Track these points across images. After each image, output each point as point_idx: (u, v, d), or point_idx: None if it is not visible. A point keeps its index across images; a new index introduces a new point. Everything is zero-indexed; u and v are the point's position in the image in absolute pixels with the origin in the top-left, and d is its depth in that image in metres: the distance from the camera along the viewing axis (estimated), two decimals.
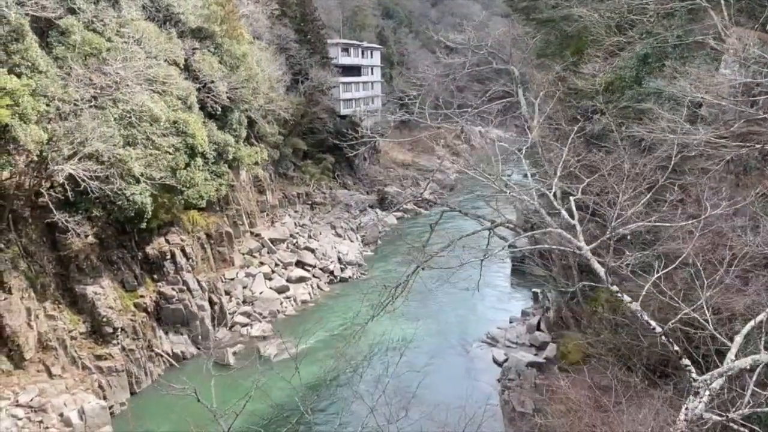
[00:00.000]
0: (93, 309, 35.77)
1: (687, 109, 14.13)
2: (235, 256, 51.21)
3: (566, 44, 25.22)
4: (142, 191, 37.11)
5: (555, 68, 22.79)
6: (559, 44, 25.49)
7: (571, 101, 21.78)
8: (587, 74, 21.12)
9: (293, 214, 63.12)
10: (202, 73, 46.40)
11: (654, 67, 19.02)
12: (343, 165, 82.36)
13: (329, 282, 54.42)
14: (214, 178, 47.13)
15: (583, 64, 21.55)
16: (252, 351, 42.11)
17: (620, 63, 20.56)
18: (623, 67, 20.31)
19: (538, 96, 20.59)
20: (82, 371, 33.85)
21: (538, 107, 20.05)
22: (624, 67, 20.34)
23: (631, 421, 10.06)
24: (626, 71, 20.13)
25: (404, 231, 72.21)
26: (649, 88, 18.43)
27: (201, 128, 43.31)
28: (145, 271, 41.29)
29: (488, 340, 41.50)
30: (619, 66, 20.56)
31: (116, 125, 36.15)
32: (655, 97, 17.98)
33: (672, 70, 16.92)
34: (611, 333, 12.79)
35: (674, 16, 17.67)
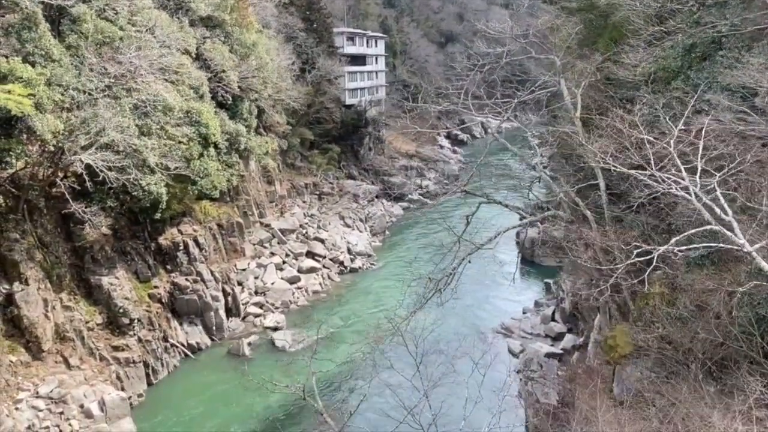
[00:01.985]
0: (109, 300, 35.59)
1: (743, 100, 13.96)
2: (246, 246, 51.02)
3: (598, 34, 24.93)
4: (157, 181, 36.83)
5: (594, 58, 22.54)
6: (591, 34, 25.21)
7: (609, 91, 21.57)
8: (628, 64, 20.91)
9: (302, 204, 62.89)
10: (213, 62, 46.00)
11: (701, 57, 18.83)
12: (348, 155, 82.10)
13: (339, 272, 54.33)
14: (225, 169, 46.81)
15: (621, 54, 21.34)
16: (266, 341, 42.08)
17: (661, 53, 20.36)
18: (666, 57, 20.10)
19: (580, 86, 20.38)
20: (99, 362, 33.75)
21: (580, 98, 19.86)
22: (667, 57, 20.13)
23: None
24: (670, 61, 19.92)
25: (416, 220, 72.22)
26: (698, 79, 18.25)
27: (214, 118, 43.01)
28: (158, 261, 41.09)
29: (503, 331, 41.50)
30: (661, 56, 20.36)
31: (131, 115, 35.85)
32: (705, 88, 17.81)
33: (729, 59, 16.74)
34: (673, 326, 12.67)
35: (728, 5, 17.41)
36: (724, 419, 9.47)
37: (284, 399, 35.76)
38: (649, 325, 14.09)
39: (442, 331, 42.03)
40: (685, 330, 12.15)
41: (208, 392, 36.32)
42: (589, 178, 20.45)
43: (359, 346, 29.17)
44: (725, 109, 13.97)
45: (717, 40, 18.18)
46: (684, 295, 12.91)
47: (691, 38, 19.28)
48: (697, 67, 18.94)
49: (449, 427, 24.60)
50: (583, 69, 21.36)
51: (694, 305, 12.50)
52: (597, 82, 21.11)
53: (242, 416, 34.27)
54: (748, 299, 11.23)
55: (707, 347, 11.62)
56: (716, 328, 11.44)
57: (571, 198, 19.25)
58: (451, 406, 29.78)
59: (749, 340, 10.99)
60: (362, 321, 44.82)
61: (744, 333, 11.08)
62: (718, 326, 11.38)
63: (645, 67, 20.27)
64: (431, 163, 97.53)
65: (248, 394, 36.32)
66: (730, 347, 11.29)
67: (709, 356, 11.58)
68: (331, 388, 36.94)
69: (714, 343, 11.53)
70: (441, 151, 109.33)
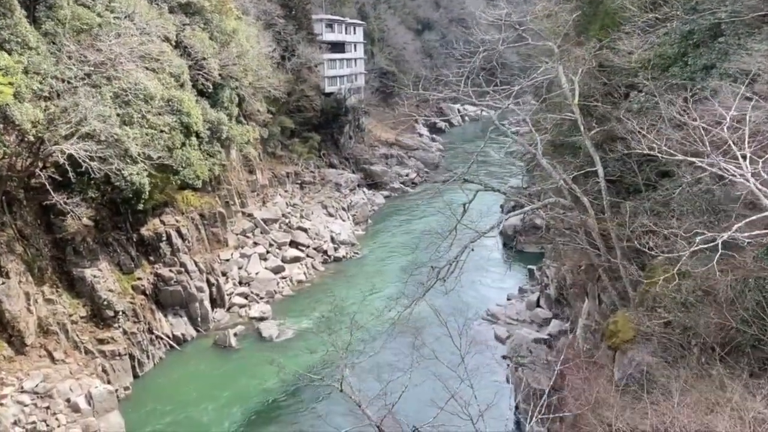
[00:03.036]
0: (92, 292, 35.04)
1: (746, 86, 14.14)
2: (229, 236, 50.54)
3: (589, 21, 24.96)
4: (139, 171, 36.22)
5: (588, 45, 22.58)
6: (583, 21, 25.19)
7: (602, 78, 21.68)
8: (623, 51, 21.02)
9: (284, 193, 62.42)
10: (193, 50, 45.23)
11: (699, 44, 18.99)
12: (328, 144, 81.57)
13: (323, 262, 54.19)
14: (207, 158, 46.22)
15: (614, 41, 21.42)
16: (252, 332, 41.86)
17: (656, 40, 20.50)
18: (662, 44, 20.24)
19: (577, 73, 20.42)
20: (84, 356, 33.26)
21: (578, 86, 19.90)
22: (663, 44, 20.28)
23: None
24: (666, 48, 20.06)
25: (398, 208, 72.25)
26: (697, 65, 18.43)
27: (195, 106, 42.37)
28: (141, 253, 40.51)
29: (488, 318, 41.82)
30: (656, 43, 20.51)
31: (112, 104, 35.16)
32: (703, 74, 18.01)
33: (730, 46, 16.91)
34: (678, 312, 12.87)
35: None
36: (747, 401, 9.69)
37: (275, 388, 35.72)
38: (652, 310, 14.32)
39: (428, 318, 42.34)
40: (690, 315, 12.34)
41: (196, 383, 36.08)
42: (585, 165, 20.62)
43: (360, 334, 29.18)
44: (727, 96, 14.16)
45: (716, 26, 18.37)
46: (689, 281, 13.13)
47: (688, 24, 19.47)
48: (695, 54, 19.16)
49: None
50: (579, 56, 21.42)
51: (700, 290, 12.73)
52: (593, 69, 21.18)
53: (231, 406, 34.11)
54: (756, 283, 11.46)
55: (712, 331, 11.82)
56: (723, 312, 11.65)
57: (569, 185, 19.38)
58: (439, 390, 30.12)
59: (759, 324, 11.20)
60: (352, 310, 44.68)
61: (754, 317, 11.29)
62: (724, 311, 11.60)
63: (641, 54, 20.43)
64: (411, 151, 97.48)
65: (236, 384, 36.22)
66: (737, 331, 11.53)
67: (717, 341, 11.79)
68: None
69: (719, 327, 11.75)
70: (420, 139, 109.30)
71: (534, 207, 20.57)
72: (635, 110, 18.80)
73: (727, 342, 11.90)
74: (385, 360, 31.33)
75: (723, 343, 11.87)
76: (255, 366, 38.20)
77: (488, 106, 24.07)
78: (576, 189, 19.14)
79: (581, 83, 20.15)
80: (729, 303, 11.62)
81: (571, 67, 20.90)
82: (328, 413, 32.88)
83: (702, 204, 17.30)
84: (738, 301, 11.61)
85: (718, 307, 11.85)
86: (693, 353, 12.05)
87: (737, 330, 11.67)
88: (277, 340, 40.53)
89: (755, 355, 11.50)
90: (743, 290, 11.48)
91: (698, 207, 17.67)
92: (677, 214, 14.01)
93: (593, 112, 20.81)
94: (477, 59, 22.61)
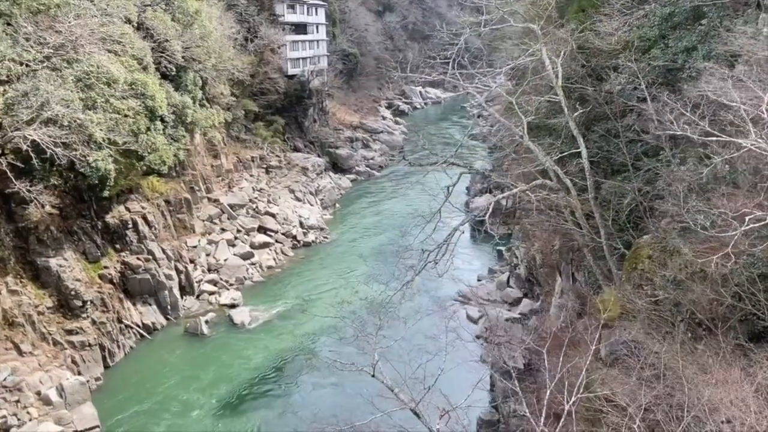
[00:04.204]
0: (59, 282, 34.10)
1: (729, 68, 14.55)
2: (196, 223, 49.72)
3: (569, 3, 25.17)
4: (104, 157, 35.31)
5: (568, 27, 22.78)
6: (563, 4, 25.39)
7: (581, 61, 21.96)
8: (603, 33, 21.32)
9: (249, 178, 61.55)
10: (156, 32, 44.01)
11: (679, 26, 19.36)
12: (292, 127, 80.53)
13: (293, 247, 53.83)
14: (172, 143, 45.25)
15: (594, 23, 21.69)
16: (224, 319, 41.45)
17: (635, 22, 20.85)
18: (642, 26, 20.59)
19: (560, 55, 20.62)
20: (53, 347, 32.44)
21: (561, 67, 20.10)
22: (642, 26, 20.63)
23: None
24: (646, 30, 20.41)
25: (365, 191, 72.18)
26: (678, 47, 18.81)
27: (160, 90, 41.34)
28: (106, 241, 39.52)
29: (460, 299, 42.34)
30: (635, 25, 20.86)
31: (74, 88, 34.02)
32: (685, 56, 18.42)
33: (711, 28, 17.32)
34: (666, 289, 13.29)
35: None
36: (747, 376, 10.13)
37: (248, 374, 35.56)
38: (639, 288, 14.76)
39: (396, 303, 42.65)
40: (679, 291, 12.77)
41: (168, 372, 35.61)
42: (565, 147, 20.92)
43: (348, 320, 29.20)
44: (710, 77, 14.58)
45: (696, 8, 18.77)
46: (677, 259, 13.56)
47: (668, 7, 19.85)
48: (675, 36, 19.57)
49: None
50: (561, 38, 21.60)
51: (689, 267, 13.16)
52: (574, 52, 21.41)
53: (205, 394, 33.82)
54: (746, 260, 11.91)
55: (700, 308, 12.25)
56: (715, 289, 12.09)
57: (553, 167, 19.68)
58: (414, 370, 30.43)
59: (753, 299, 11.67)
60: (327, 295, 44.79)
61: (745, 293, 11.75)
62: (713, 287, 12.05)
63: (621, 36, 20.77)
64: (376, 134, 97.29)
65: (209, 371, 35.91)
66: (727, 307, 12.00)
67: (706, 316, 12.23)
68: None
69: (709, 303, 12.20)
70: (384, 122, 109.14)
71: (523, 188, 20.80)
72: (616, 91, 19.22)
73: (716, 318, 12.36)
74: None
75: (712, 318, 12.33)
76: (228, 353, 37.94)
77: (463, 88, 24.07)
78: (559, 171, 19.47)
79: (563, 65, 20.40)
80: (723, 280, 12.06)
81: (554, 49, 21.12)
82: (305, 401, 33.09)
83: (637, 185, 17.92)
84: (731, 278, 12.05)
85: (710, 284, 12.29)
86: (680, 329, 12.46)
87: (727, 306, 12.14)
88: (250, 327, 40.25)
89: (742, 329, 12.01)
90: (733, 268, 11.93)
91: (634, 189, 18.19)
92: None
93: (572, 95, 21.12)
94: (461, 42, 22.62)
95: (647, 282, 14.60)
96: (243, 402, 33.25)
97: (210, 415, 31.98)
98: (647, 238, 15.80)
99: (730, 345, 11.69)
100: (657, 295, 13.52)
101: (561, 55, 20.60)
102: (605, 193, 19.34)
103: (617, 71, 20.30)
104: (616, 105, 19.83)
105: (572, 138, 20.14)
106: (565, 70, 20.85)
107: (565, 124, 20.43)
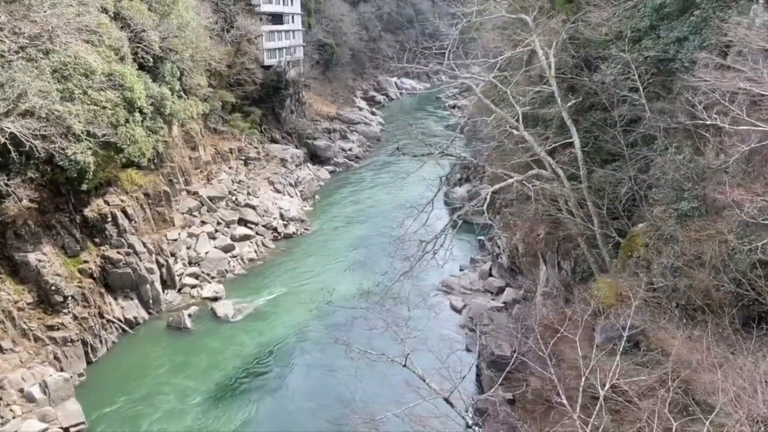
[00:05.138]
0: (39, 277, 33.50)
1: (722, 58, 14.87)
2: (175, 216, 49.13)
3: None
4: (83, 150, 34.69)
5: (558, 17, 22.95)
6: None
7: (571, 51, 22.17)
8: (593, 23, 21.56)
9: (228, 170, 60.93)
10: (132, 22, 43.18)
11: (670, 16, 19.64)
12: (270, 118, 79.89)
13: (274, 239, 53.58)
14: (150, 134, 44.57)
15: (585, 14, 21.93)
16: (207, 312, 41.16)
17: (624, 13, 21.11)
18: (631, 17, 20.85)
19: (552, 46, 20.79)
20: (34, 343, 31.89)
21: (553, 57, 20.29)
22: (632, 17, 20.88)
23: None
24: (637, 20, 20.65)
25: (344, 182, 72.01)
26: (669, 38, 19.10)
27: (138, 81, 40.68)
28: (85, 235, 38.86)
29: (444, 288, 42.64)
30: (624, 16, 21.14)
31: (51, 79, 33.29)
32: (677, 46, 18.73)
33: (703, 18, 17.63)
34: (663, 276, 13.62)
35: None
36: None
37: (233, 367, 35.41)
38: (635, 275, 15.08)
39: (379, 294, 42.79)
40: (678, 278, 13.09)
41: (152, 366, 35.31)
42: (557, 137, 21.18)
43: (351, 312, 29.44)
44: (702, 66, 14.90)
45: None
46: (673, 246, 13.87)
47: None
48: (667, 26, 19.88)
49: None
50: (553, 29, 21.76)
51: (687, 255, 13.48)
52: (565, 42, 21.60)
53: (189, 387, 33.59)
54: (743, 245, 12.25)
55: (698, 294, 12.58)
56: (712, 275, 12.44)
57: (546, 157, 19.92)
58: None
59: (750, 285, 12.03)
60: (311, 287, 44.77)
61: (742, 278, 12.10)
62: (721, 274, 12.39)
63: (612, 26, 21.03)
64: (353, 125, 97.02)
65: (193, 365, 35.68)
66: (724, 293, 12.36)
67: (703, 302, 12.57)
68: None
69: (705, 289, 12.54)
70: (361, 113, 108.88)
71: (519, 179, 20.98)
72: (608, 81, 19.51)
73: (713, 303, 12.72)
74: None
75: (708, 304, 12.68)
76: (212, 346, 37.72)
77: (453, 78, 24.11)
78: (551, 160, 19.71)
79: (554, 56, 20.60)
80: (723, 266, 12.38)
81: (546, 40, 21.31)
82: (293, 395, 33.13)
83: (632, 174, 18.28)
84: (729, 264, 12.39)
85: (708, 270, 12.62)
86: (675, 315, 12.78)
87: (724, 292, 12.49)
88: (234, 320, 40.03)
89: (738, 314, 12.37)
90: (731, 254, 12.28)
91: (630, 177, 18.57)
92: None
93: (561, 85, 21.34)
94: (455, 33, 22.65)
95: (643, 269, 14.93)
96: (229, 396, 33.09)
97: (195, 410, 31.78)
98: (642, 226, 16.14)
99: (728, 330, 12.04)
100: (654, 282, 13.87)
101: (553, 45, 20.80)
102: (599, 181, 19.66)
103: (608, 61, 20.58)
104: (611, 95, 20.11)
105: (560, 127, 20.40)
106: (556, 61, 21.06)
107: (554, 114, 20.69)
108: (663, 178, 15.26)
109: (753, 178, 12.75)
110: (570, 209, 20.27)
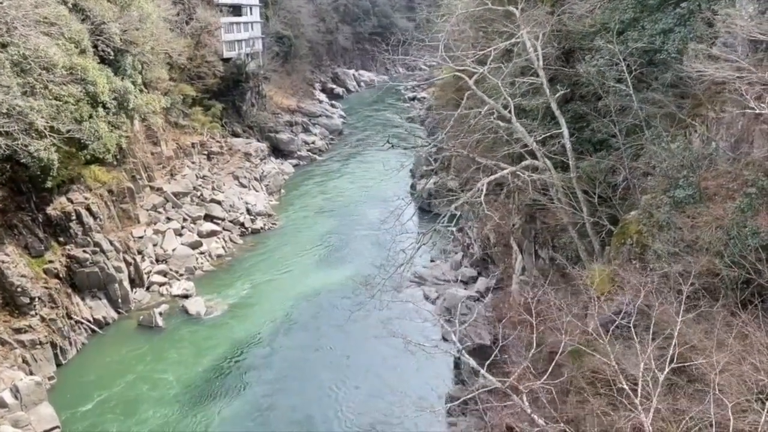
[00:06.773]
0: (3, 279, 32.37)
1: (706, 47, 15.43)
2: (140, 213, 48.06)
3: None
4: (47, 147, 33.58)
5: (543, 8, 23.30)
6: None
7: (554, 43, 22.59)
8: (577, 15, 22.00)
9: (191, 165, 59.84)
10: (92, 14, 41.90)
11: (654, 7, 20.17)
12: (230, 112, 78.69)
13: (241, 234, 52.95)
14: (113, 130, 43.39)
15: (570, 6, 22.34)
16: (178, 310, 40.47)
17: (609, 5, 21.60)
18: (614, 9, 21.33)
19: (539, 37, 21.12)
20: (2, 347, 30.84)
21: (541, 49, 20.62)
22: (615, 9, 21.36)
23: None
24: (620, 13, 21.12)
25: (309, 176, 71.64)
26: (655, 29, 19.63)
27: (101, 75, 39.56)
28: (49, 234, 37.70)
29: (416, 280, 42.94)
30: (607, 8, 21.63)
31: (11, 72, 32.08)
32: (663, 37, 19.25)
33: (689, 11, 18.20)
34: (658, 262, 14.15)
35: None
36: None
37: (207, 365, 34.98)
38: (629, 262, 15.59)
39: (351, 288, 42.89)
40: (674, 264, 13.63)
41: (124, 366, 34.59)
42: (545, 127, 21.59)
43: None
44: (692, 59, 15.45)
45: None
46: (669, 232, 14.40)
47: None
48: (651, 18, 20.43)
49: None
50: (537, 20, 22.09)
51: (683, 241, 14.02)
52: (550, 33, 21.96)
53: (163, 386, 33.07)
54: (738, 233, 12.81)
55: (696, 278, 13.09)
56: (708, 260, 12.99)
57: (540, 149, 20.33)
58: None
59: (745, 268, 12.59)
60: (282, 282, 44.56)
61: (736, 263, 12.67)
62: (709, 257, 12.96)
63: (596, 18, 21.49)
64: (314, 118, 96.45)
65: (166, 364, 35.13)
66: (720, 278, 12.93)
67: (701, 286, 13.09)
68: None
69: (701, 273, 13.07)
70: (321, 106, 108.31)
71: (512, 170, 21.31)
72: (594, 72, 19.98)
73: (710, 286, 13.29)
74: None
75: (706, 287, 13.23)
76: (185, 344, 37.21)
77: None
78: (540, 150, 20.11)
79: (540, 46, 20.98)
80: (721, 250, 12.93)
81: (531, 31, 21.64)
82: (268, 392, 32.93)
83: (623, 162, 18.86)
84: (725, 249, 12.95)
85: (703, 255, 13.18)
86: (671, 300, 13.27)
87: (720, 276, 13.06)
88: (206, 317, 39.50)
89: (735, 297, 12.96)
90: (726, 240, 12.84)
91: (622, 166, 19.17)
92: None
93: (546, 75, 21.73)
94: (448, 25, 22.74)
95: (636, 256, 15.46)
96: (204, 394, 32.65)
97: (170, 408, 31.29)
98: (635, 213, 16.68)
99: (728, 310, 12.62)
100: (648, 268, 14.40)
101: (540, 37, 21.18)
102: (589, 171, 20.17)
103: (592, 52, 21.08)
104: (596, 86, 20.61)
105: (543, 117, 20.84)
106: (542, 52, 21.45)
107: (540, 105, 21.13)
108: (658, 166, 15.81)
109: (742, 165, 13.37)
110: (560, 198, 20.78)
